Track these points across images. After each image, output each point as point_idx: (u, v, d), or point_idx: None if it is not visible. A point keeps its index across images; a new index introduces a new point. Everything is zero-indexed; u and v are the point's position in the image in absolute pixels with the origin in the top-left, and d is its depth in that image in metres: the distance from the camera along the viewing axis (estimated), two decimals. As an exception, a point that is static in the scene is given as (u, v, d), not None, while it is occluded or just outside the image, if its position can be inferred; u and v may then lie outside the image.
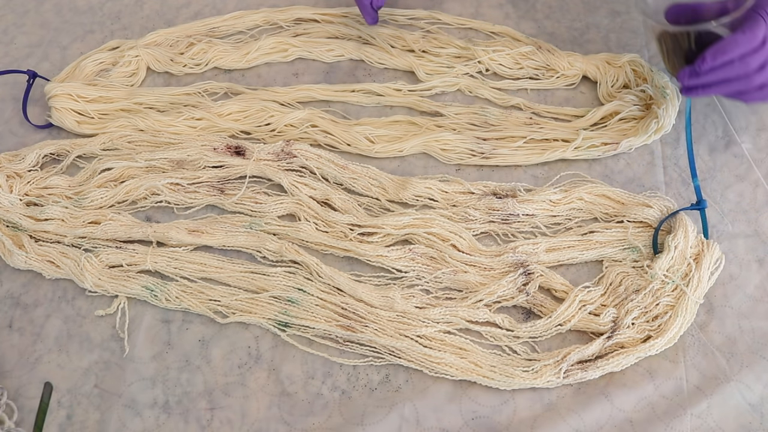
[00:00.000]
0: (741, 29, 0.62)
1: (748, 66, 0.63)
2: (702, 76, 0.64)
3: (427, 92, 0.81)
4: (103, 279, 0.69)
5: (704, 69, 0.63)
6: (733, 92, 0.66)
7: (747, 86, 0.64)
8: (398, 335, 0.64)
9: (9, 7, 0.95)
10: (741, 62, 0.62)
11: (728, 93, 0.66)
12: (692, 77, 0.65)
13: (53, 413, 0.63)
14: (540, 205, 0.70)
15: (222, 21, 0.89)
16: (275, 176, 0.74)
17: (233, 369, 0.64)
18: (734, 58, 0.62)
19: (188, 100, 0.82)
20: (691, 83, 0.65)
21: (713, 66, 0.63)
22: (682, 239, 0.66)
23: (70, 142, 0.79)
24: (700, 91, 0.66)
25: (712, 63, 0.63)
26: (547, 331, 0.64)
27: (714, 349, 0.63)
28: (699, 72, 0.64)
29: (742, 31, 0.62)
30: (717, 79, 0.64)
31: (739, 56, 0.62)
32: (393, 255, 0.68)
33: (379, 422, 0.61)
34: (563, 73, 0.81)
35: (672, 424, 0.59)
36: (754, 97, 0.66)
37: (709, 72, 0.64)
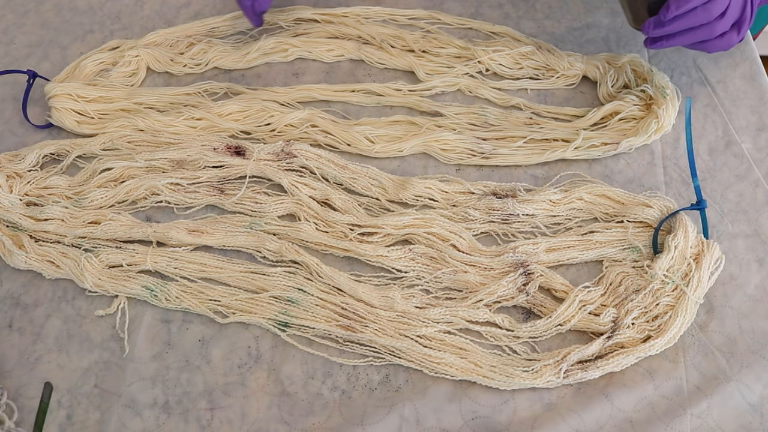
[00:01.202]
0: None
1: (711, 13, 0.64)
2: (666, 26, 0.66)
3: (427, 92, 0.81)
4: (103, 279, 0.69)
5: (668, 17, 0.65)
6: (696, 42, 0.68)
7: (709, 34, 0.67)
8: (398, 335, 0.64)
9: (9, 7, 0.95)
10: (703, 9, 0.64)
11: (691, 42, 0.68)
12: (657, 27, 0.67)
13: (53, 413, 0.63)
14: (540, 205, 0.70)
15: (222, 21, 0.89)
16: (275, 176, 0.74)
17: (233, 369, 0.64)
18: (697, 5, 0.64)
19: (188, 100, 0.82)
20: (656, 33, 0.67)
21: (677, 14, 0.65)
22: (682, 239, 0.66)
23: (70, 142, 0.79)
24: (664, 41, 0.68)
25: (675, 11, 0.64)
26: (547, 331, 0.64)
27: (714, 349, 0.63)
28: (663, 21, 0.66)
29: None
30: (681, 28, 0.66)
31: (701, 3, 0.64)
32: (393, 255, 0.68)
33: (379, 422, 0.61)
34: (563, 73, 0.81)
35: (672, 424, 0.59)
36: (716, 46, 0.68)
37: (672, 21, 0.66)
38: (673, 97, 0.76)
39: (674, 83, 0.79)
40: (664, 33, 0.67)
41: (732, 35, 0.68)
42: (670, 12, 0.65)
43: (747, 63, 0.81)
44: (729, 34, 0.68)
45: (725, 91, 0.79)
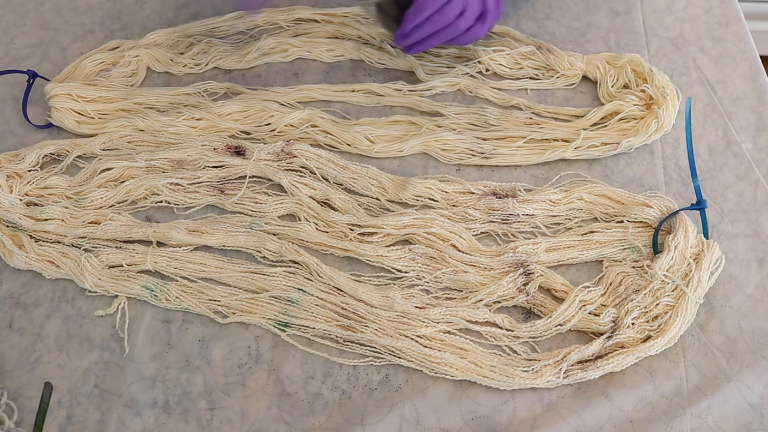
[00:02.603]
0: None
1: (448, 16, 0.69)
2: (411, 35, 0.72)
3: (427, 92, 0.81)
4: (103, 279, 0.69)
5: (408, 29, 0.71)
6: (446, 41, 0.73)
7: (455, 33, 0.72)
8: (398, 335, 0.64)
9: (9, 7, 0.95)
10: (440, 14, 0.69)
11: (442, 42, 0.73)
12: (403, 38, 0.73)
13: (53, 413, 0.63)
14: (540, 205, 0.70)
15: (222, 21, 0.89)
16: (275, 176, 0.74)
17: (233, 369, 0.64)
18: (432, 13, 0.69)
19: (188, 100, 0.82)
20: (404, 43, 0.73)
21: (415, 24, 0.70)
22: (682, 239, 0.66)
23: (70, 142, 0.79)
24: (417, 47, 0.74)
25: (413, 22, 0.70)
26: (547, 331, 0.64)
27: (714, 349, 0.63)
28: (406, 33, 0.71)
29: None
30: (426, 34, 0.71)
31: (436, 10, 0.69)
32: (393, 255, 0.68)
33: (379, 422, 0.61)
34: (563, 73, 0.81)
35: (672, 424, 0.59)
36: (466, 39, 0.73)
37: (414, 30, 0.71)
38: (673, 97, 0.76)
39: (674, 83, 0.79)
40: (412, 41, 0.73)
41: (477, 27, 0.72)
42: (407, 24, 0.71)
43: (747, 63, 0.81)
44: (475, 27, 0.72)
45: (725, 91, 0.79)
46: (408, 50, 0.75)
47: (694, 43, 0.84)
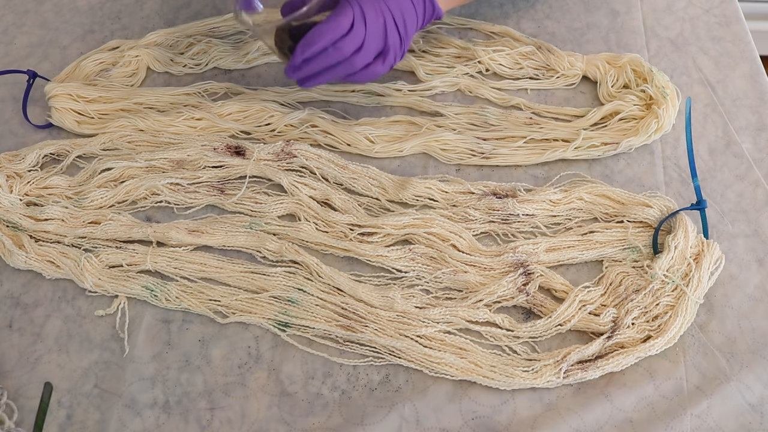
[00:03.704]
0: (327, 18, 0.64)
1: (343, 51, 0.64)
2: (302, 69, 0.66)
3: (427, 92, 0.81)
4: (103, 279, 0.69)
5: (299, 62, 0.65)
6: (342, 76, 0.67)
7: (351, 69, 0.66)
8: (398, 335, 0.64)
9: (9, 7, 0.95)
10: (335, 49, 0.64)
11: (339, 78, 0.68)
12: (294, 71, 0.67)
13: (53, 413, 0.63)
14: (540, 205, 0.70)
15: (222, 21, 0.89)
16: (275, 176, 0.74)
17: (233, 369, 0.64)
18: (326, 46, 0.64)
19: (188, 100, 0.82)
20: (296, 76, 0.67)
21: (306, 57, 0.65)
22: (682, 239, 0.66)
23: (70, 142, 0.79)
24: (311, 81, 0.68)
25: (303, 55, 0.65)
26: (547, 331, 0.64)
27: (714, 349, 0.63)
28: (296, 65, 0.66)
29: (327, 20, 0.64)
30: (319, 68, 0.66)
31: (330, 44, 0.64)
32: (393, 255, 0.68)
33: (379, 422, 0.61)
34: (563, 73, 0.81)
35: (672, 424, 0.59)
36: (363, 76, 0.68)
37: (306, 63, 0.65)
38: (673, 97, 0.76)
39: (674, 83, 0.79)
40: (304, 75, 0.67)
41: (377, 66, 0.67)
42: (297, 57, 0.65)
43: (747, 63, 0.81)
44: (373, 66, 0.67)
45: (725, 91, 0.79)
46: (301, 83, 0.69)
47: (694, 43, 0.84)
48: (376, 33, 0.65)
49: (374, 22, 0.65)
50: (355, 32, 0.64)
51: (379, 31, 0.66)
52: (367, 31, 0.65)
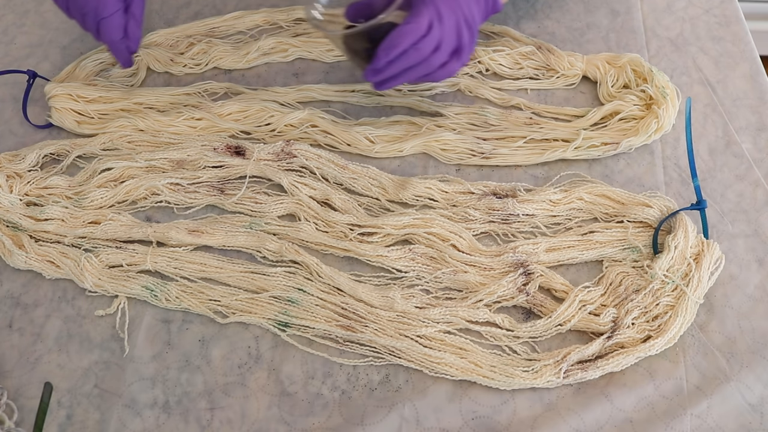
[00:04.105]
0: (406, 20, 0.64)
1: (423, 52, 0.65)
2: (384, 71, 0.66)
3: (427, 92, 0.81)
4: (103, 279, 0.69)
5: (381, 65, 0.66)
6: (419, 77, 0.68)
7: (429, 69, 0.67)
8: (398, 335, 0.64)
9: (9, 7, 0.95)
10: (415, 50, 0.65)
11: (415, 79, 0.68)
12: (375, 74, 0.67)
13: (53, 413, 0.63)
14: (540, 205, 0.70)
15: (222, 21, 0.89)
16: (275, 176, 0.74)
17: (233, 369, 0.64)
18: (407, 48, 0.65)
19: (188, 100, 0.82)
20: (376, 79, 0.68)
21: (389, 60, 0.65)
22: (682, 239, 0.66)
23: (70, 142, 0.79)
24: (389, 83, 0.68)
25: (386, 58, 0.65)
26: (547, 331, 0.64)
27: (714, 349, 0.63)
28: (378, 69, 0.66)
29: (407, 22, 0.64)
30: (399, 70, 0.66)
31: (410, 45, 0.64)
32: (393, 255, 0.68)
33: (379, 422, 0.61)
34: (563, 73, 0.81)
35: (672, 424, 0.59)
36: (439, 75, 0.68)
37: (388, 66, 0.66)
38: (673, 97, 0.76)
39: (674, 83, 0.79)
40: (383, 78, 0.67)
41: (453, 63, 0.68)
42: (380, 60, 0.65)
43: (747, 63, 0.81)
44: (450, 64, 0.68)
45: (725, 91, 0.79)
46: (378, 87, 0.69)
47: (694, 43, 0.84)
48: (451, 31, 0.66)
49: (449, 20, 0.66)
50: (433, 32, 0.65)
51: (453, 29, 0.66)
52: (443, 30, 0.65)
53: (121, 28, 0.76)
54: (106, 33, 0.75)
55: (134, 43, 0.78)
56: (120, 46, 0.77)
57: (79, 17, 0.76)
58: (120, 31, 0.76)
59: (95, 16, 0.74)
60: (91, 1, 0.73)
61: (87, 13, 0.74)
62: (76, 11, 0.75)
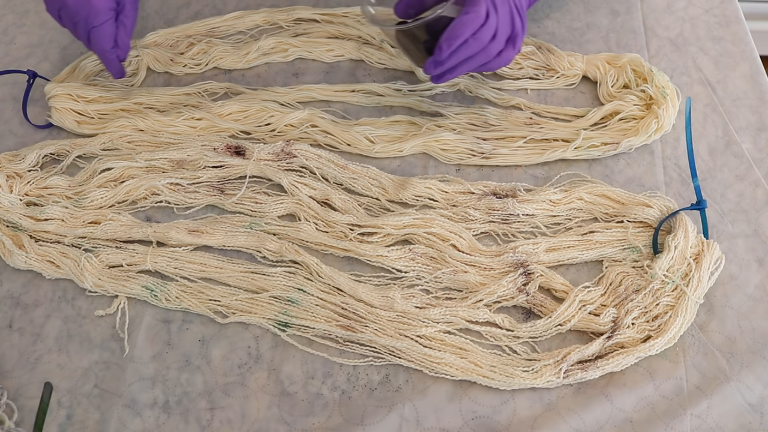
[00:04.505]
0: (465, 10, 0.65)
1: (482, 41, 0.66)
2: (445, 63, 0.67)
3: (427, 92, 0.81)
4: (103, 279, 0.69)
5: (444, 56, 0.66)
6: (477, 67, 0.69)
7: (487, 58, 0.68)
8: (398, 335, 0.64)
9: (9, 7, 0.95)
10: (474, 39, 0.66)
11: (473, 69, 0.70)
12: (437, 67, 0.68)
13: (53, 413, 0.63)
14: (540, 205, 0.70)
15: (222, 21, 0.89)
16: (275, 176, 0.74)
17: (233, 369, 0.64)
18: (467, 38, 0.66)
19: (188, 100, 0.82)
20: (437, 71, 0.68)
21: (451, 51, 0.66)
22: (682, 239, 0.66)
23: (70, 142, 0.79)
24: (447, 75, 0.69)
25: (448, 49, 0.66)
26: (547, 331, 0.64)
27: (714, 349, 0.63)
28: (441, 60, 0.67)
29: (466, 12, 0.65)
30: (459, 60, 0.67)
31: (471, 35, 0.65)
32: (393, 255, 0.68)
33: (379, 422, 0.61)
34: (563, 73, 0.81)
35: (672, 424, 0.59)
36: (496, 64, 0.70)
37: (449, 57, 0.67)
38: (673, 97, 0.76)
39: (674, 83, 0.79)
40: (444, 69, 0.68)
41: (508, 51, 0.69)
42: (443, 51, 0.66)
43: (747, 63, 0.81)
44: (505, 51, 0.69)
45: (725, 91, 0.79)
46: (437, 79, 0.70)
47: (694, 43, 0.84)
48: (505, 19, 0.67)
49: (503, 8, 0.67)
50: (490, 20, 0.66)
51: (507, 17, 0.67)
52: (498, 19, 0.66)
53: (111, 37, 0.75)
54: (97, 42, 0.75)
55: (124, 52, 0.77)
56: (110, 56, 0.77)
57: (71, 26, 0.75)
58: (110, 40, 0.75)
59: (86, 25, 0.74)
60: (82, 9, 0.73)
61: (78, 21, 0.74)
62: (68, 20, 0.75)
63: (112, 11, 0.75)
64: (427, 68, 0.68)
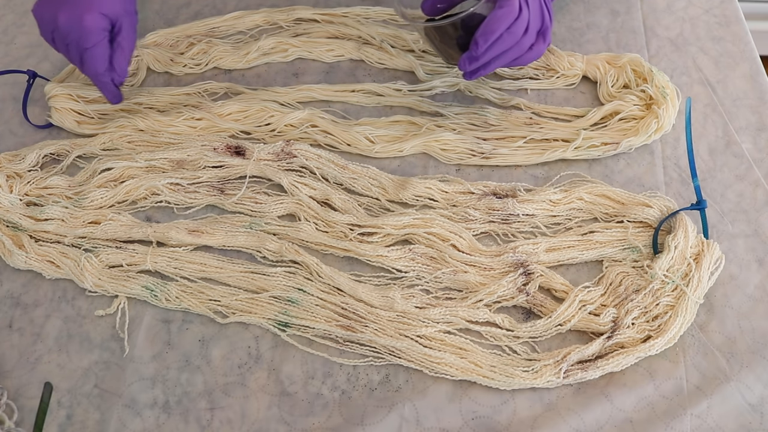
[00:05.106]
0: (499, 4, 0.65)
1: (516, 35, 0.66)
2: (481, 58, 0.67)
3: (427, 92, 0.81)
4: (103, 279, 0.69)
5: (480, 52, 0.67)
6: (510, 61, 0.69)
7: (520, 51, 0.68)
8: (398, 335, 0.64)
9: (9, 7, 0.95)
10: (509, 34, 0.66)
11: (506, 64, 0.70)
12: (472, 62, 0.68)
13: (53, 413, 0.63)
14: (540, 205, 0.70)
15: (222, 21, 0.89)
16: (275, 176, 0.74)
17: (233, 369, 0.64)
18: (502, 33, 0.66)
19: (188, 100, 0.82)
20: (472, 67, 0.68)
21: (487, 46, 0.66)
22: (682, 239, 0.66)
23: (70, 142, 0.79)
24: (482, 70, 0.69)
25: (485, 44, 0.66)
26: (547, 331, 0.64)
27: (714, 349, 0.63)
28: (476, 56, 0.67)
29: (500, 6, 0.65)
30: (494, 55, 0.68)
31: (505, 29, 0.66)
32: (393, 255, 0.68)
33: (379, 422, 0.61)
34: (563, 73, 0.81)
35: (672, 424, 0.59)
36: (528, 58, 0.70)
37: (485, 52, 0.67)
38: (673, 97, 0.76)
39: (674, 83, 0.79)
40: (479, 64, 0.68)
41: (539, 44, 0.69)
42: (480, 47, 0.66)
43: (747, 63, 0.81)
44: (537, 45, 0.69)
45: (725, 91, 0.79)
46: (471, 75, 0.69)
47: (694, 43, 0.84)
48: (536, 12, 0.67)
49: (533, 1, 0.67)
50: (523, 14, 0.66)
51: (538, 10, 0.68)
52: (530, 12, 0.67)
53: (105, 60, 0.73)
54: (90, 64, 0.73)
55: (120, 75, 0.75)
56: (104, 79, 0.75)
57: (64, 48, 0.73)
58: (104, 63, 0.73)
59: (78, 47, 0.72)
60: (74, 31, 0.71)
61: (70, 43, 0.72)
62: (60, 42, 0.73)
63: (105, 32, 0.73)
64: (462, 64, 0.68)
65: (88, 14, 0.71)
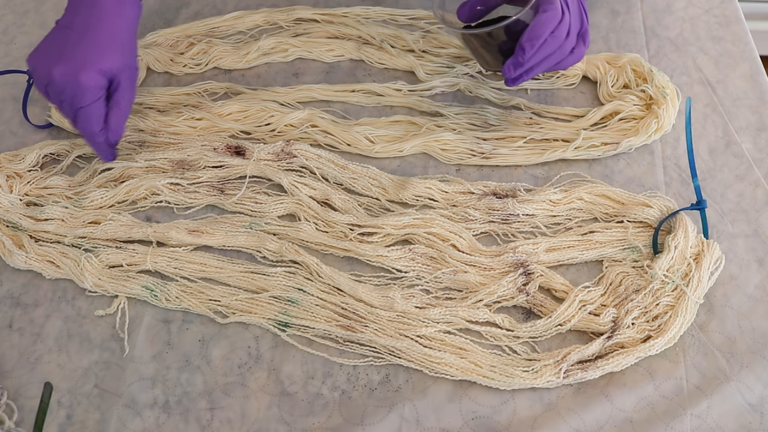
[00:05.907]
0: (542, 8, 0.65)
1: (560, 38, 0.66)
2: (526, 63, 0.67)
3: (427, 92, 0.81)
4: (103, 279, 0.69)
5: (527, 58, 0.66)
6: (552, 66, 0.69)
7: (562, 55, 0.68)
8: (398, 335, 0.64)
9: (9, 7, 0.95)
10: (553, 38, 0.66)
11: (549, 68, 0.69)
12: (516, 68, 0.67)
13: (53, 413, 0.63)
14: (540, 205, 0.70)
15: (222, 21, 0.89)
16: (275, 176, 0.74)
17: (233, 369, 0.64)
18: (546, 37, 0.65)
19: (188, 100, 0.82)
20: (517, 73, 0.67)
21: (533, 52, 0.66)
22: (682, 239, 0.66)
23: (70, 142, 0.79)
24: (524, 76, 0.69)
25: (531, 50, 0.65)
26: (547, 331, 0.64)
27: (714, 349, 0.63)
28: (522, 62, 0.66)
29: (544, 10, 0.65)
30: (538, 60, 0.67)
31: (549, 34, 0.65)
32: (393, 255, 0.68)
33: (379, 422, 0.61)
34: (563, 73, 0.81)
35: (672, 424, 0.59)
36: (570, 61, 0.69)
37: (530, 58, 0.66)
38: (673, 97, 0.76)
39: (674, 83, 0.79)
40: (524, 69, 0.67)
41: (580, 47, 0.69)
42: (526, 52, 0.65)
43: (747, 63, 0.81)
44: (577, 48, 0.69)
45: (725, 91, 0.79)
46: (513, 81, 0.68)
47: (694, 43, 0.84)
48: (576, 15, 0.67)
49: (572, 5, 0.67)
50: (565, 18, 0.66)
51: (577, 12, 0.68)
52: (571, 15, 0.66)
53: (100, 119, 0.69)
54: (84, 124, 0.69)
55: (115, 134, 0.71)
56: (98, 139, 0.70)
57: (57, 103, 0.69)
58: (99, 123, 0.69)
59: (72, 105, 0.68)
60: (69, 87, 0.66)
61: (64, 100, 0.68)
62: (55, 97, 0.68)
63: (102, 90, 0.69)
64: (507, 70, 0.67)
65: (84, 72, 0.66)
